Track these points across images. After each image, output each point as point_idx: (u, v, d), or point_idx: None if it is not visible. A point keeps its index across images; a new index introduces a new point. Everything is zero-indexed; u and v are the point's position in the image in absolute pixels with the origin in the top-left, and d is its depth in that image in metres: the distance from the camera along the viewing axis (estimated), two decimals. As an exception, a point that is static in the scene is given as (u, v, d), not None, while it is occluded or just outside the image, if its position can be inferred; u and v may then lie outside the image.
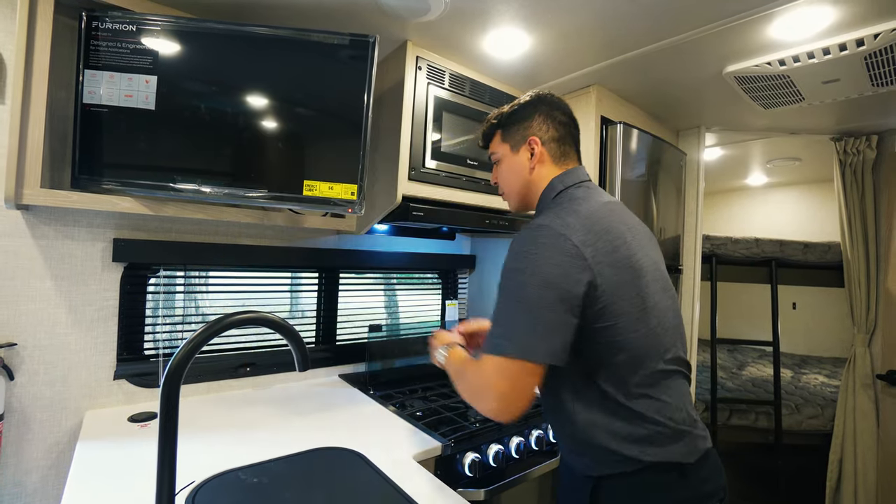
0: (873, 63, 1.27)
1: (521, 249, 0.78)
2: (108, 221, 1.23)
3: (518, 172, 0.96)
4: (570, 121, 0.96)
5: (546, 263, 0.75)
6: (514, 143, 0.96)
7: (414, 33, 1.32)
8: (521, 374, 0.74)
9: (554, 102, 0.96)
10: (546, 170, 0.94)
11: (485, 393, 0.77)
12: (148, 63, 1.09)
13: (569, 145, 0.95)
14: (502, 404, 0.75)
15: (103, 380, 1.23)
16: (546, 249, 0.76)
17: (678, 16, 1.17)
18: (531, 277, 0.75)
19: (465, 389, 0.85)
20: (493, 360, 0.76)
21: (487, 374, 0.76)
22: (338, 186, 1.14)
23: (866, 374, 1.95)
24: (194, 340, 0.59)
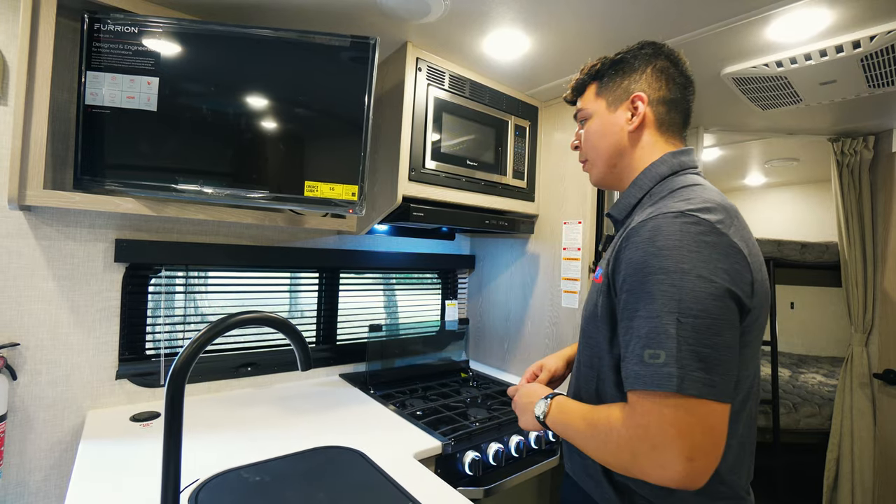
0: (870, 65, 1.28)
1: (674, 246, 0.59)
2: (110, 222, 1.24)
3: (612, 135, 0.78)
4: (688, 83, 0.79)
5: (716, 267, 0.58)
6: (612, 99, 0.79)
7: (414, 35, 1.33)
8: (717, 418, 0.56)
9: (673, 57, 0.78)
10: (649, 137, 0.77)
11: (660, 452, 0.55)
12: (150, 65, 1.10)
13: (678, 114, 0.78)
14: (695, 464, 0.54)
15: (105, 380, 1.24)
16: (709, 250, 0.59)
17: (676, 18, 1.18)
18: (704, 284, 0.57)
19: (609, 451, 0.61)
20: (666, 401, 0.55)
21: (657, 424, 0.55)
22: (338, 187, 1.15)
23: (863, 374, 1.96)
24: (198, 340, 0.60)
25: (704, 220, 0.60)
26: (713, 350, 0.56)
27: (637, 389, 0.58)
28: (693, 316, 0.56)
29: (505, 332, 1.92)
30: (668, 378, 0.55)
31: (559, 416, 0.73)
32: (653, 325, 0.57)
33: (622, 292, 0.64)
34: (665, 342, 0.56)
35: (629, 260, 0.63)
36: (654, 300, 0.58)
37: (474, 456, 1.19)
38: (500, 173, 1.62)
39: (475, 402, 1.53)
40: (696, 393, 0.54)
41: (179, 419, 0.63)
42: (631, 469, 0.59)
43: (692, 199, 0.64)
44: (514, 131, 1.67)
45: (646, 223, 0.63)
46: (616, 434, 0.60)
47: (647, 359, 0.57)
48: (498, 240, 2.00)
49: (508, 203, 1.66)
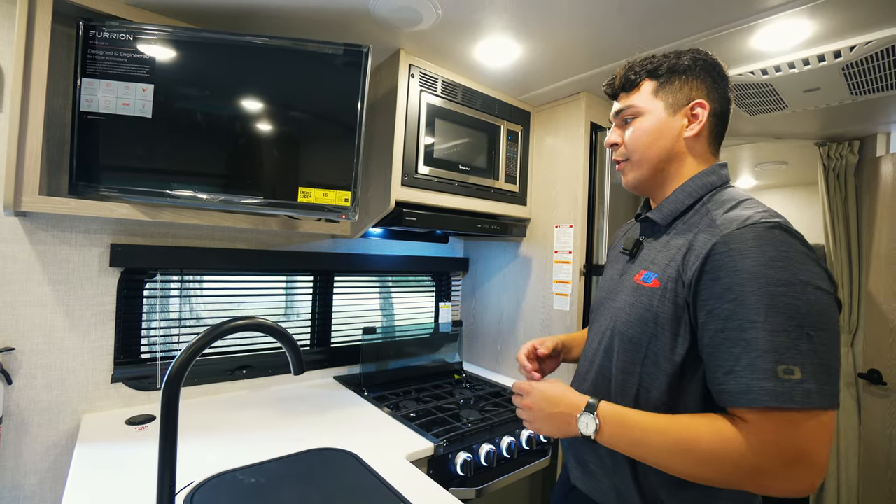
0: (851, 73, 1.32)
1: (784, 257, 0.59)
2: (105, 227, 1.25)
3: (668, 139, 0.76)
4: (732, 98, 0.79)
5: (823, 278, 0.59)
6: (672, 101, 0.76)
7: (407, 42, 1.35)
8: (832, 425, 0.56)
9: (723, 73, 0.77)
10: (701, 147, 0.76)
11: (793, 467, 0.55)
12: (145, 72, 1.11)
13: (723, 127, 0.78)
14: (819, 476, 0.55)
15: (101, 383, 1.25)
16: (812, 263, 0.59)
17: (664, 27, 1.21)
18: (822, 296, 0.57)
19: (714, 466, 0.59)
20: (800, 416, 0.55)
21: (790, 440, 0.55)
22: (332, 193, 1.17)
23: (849, 373, 2.00)
24: (194, 346, 0.61)
25: (797, 233, 0.62)
26: (836, 360, 0.57)
27: (765, 406, 0.56)
28: (821, 329, 0.56)
29: (498, 334, 1.94)
30: (806, 395, 0.54)
31: (618, 430, 0.67)
32: (781, 339, 0.56)
33: (722, 301, 0.61)
34: (798, 357, 0.55)
35: (734, 269, 0.60)
36: (778, 313, 0.56)
37: (466, 457, 1.21)
38: (493, 177, 1.65)
39: (468, 403, 1.55)
40: (829, 406, 0.55)
41: (175, 422, 0.64)
42: (745, 483, 0.58)
43: (769, 211, 0.64)
44: (507, 136, 1.69)
45: (744, 231, 0.62)
46: (735, 451, 0.58)
47: (781, 374, 0.55)
48: (491, 243, 2.03)
49: (500, 207, 1.69)
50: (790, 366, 0.55)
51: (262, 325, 0.68)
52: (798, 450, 0.55)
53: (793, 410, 0.55)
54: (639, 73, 0.79)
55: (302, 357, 0.74)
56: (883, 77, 1.33)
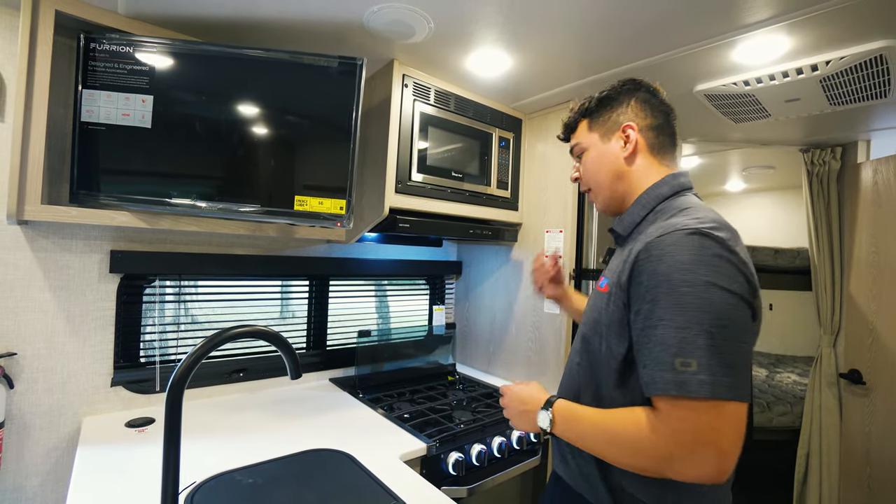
0: (828, 85, 1.37)
1: (694, 260, 0.64)
2: (105, 234, 1.28)
3: (609, 164, 0.85)
4: (669, 109, 0.86)
5: (732, 279, 0.64)
6: (604, 131, 0.86)
7: (400, 53, 1.39)
8: (741, 417, 0.61)
9: (651, 90, 0.87)
10: (643, 161, 0.84)
11: (697, 453, 0.60)
12: (144, 83, 1.14)
13: (666, 137, 0.85)
14: (727, 460, 0.60)
15: (101, 387, 1.27)
16: (725, 264, 0.64)
17: (648, 41, 1.25)
18: (726, 296, 0.62)
19: (635, 453, 0.65)
20: (702, 405, 0.60)
21: (692, 427, 0.60)
22: (327, 202, 1.20)
23: (831, 373, 2.06)
24: (196, 353, 0.65)
25: (717, 237, 0.66)
26: (737, 355, 0.61)
27: (668, 395, 0.62)
28: (721, 326, 0.61)
29: (490, 336, 1.98)
30: (700, 385, 0.59)
31: (567, 425, 0.76)
32: (682, 335, 0.62)
33: (643, 302, 0.67)
34: (695, 351, 0.61)
35: (652, 272, 0.67)
36: (682, 311, 0.62)
37: (458, 457, 1.25)
38: (485, 184, 1.69)
39: (461, 404, 1.59)
40: (726, 396, 0.59)
41: (178, 426, 0.68)
42: (662, 469, 0.63)
43: (702, 219, 0.70)
44: (499, 143, 1.73)
45: (664, 238, 0.68)
46: (648, 440, 0.64)
47: (678, 367, 0.61)
48: (484, 246, 2.07)
49: (492, 212, 1.73)
50: (687, 358, 0.61)
51: (263, 333, 0.72)
52: (699, 436, 0.60)
53: (693, 399, 0.60)
54: (575, 116, 0.93)
55: (299, 362, 0.77)
56: (859, 89, 1.39)
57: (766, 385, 2.68)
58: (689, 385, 0.60)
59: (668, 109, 0.86)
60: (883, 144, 2.01)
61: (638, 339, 0.68)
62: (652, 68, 1.40)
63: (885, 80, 1.31)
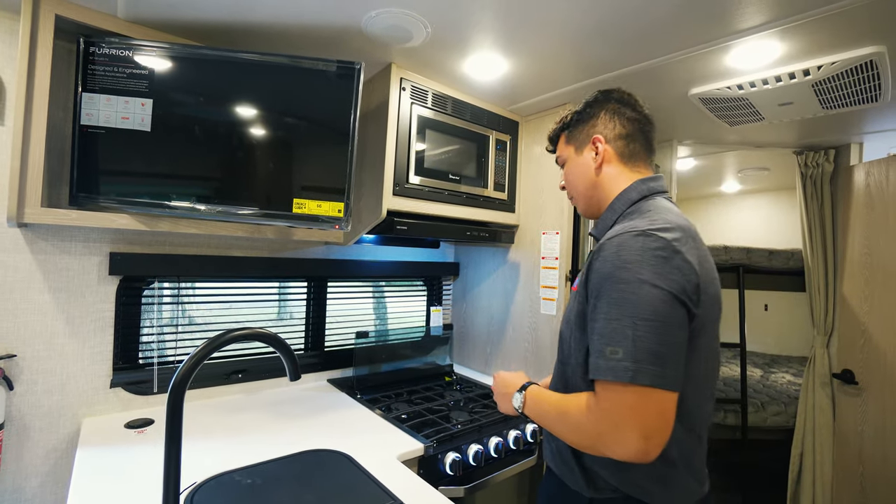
0: (821, 90, 1.39)
1: (633, 259, 0.70)
2: (104, 236, 1.29)
3: (583, 174, 0.92)
4: (641, 117, 0.91)
5: (667, 276, 0.69)
6: (578, 144, 0.94)
7: (398, 57, 1.40)
8: (665, 404, 0.67)
9: (623, 99, 0.92)
10: (614, 170, 0.89)
11: (621, 431, 0.66)
12: (144, 87, 1.15)
13: (638, 143, 0.90)
14: (650, 441, 0.65)
15: (100, 388, 1.28)
16: (662, 263, 0.69)
17: (644, 46, 1.27)
18: (655, 292, 0.68)
19: (579, 432, 0.73)
20: (626, 389, 0.66)
21: (617, 409, 0.67)
22: (325, 204, 1.22)
23: (824, 374, 2.09)
24: (197, 355, 0.66)
25: (662, 237, 0.71)
26: (663, 347, 0.66)
27: (600, 379, 0.69)
28: (646, 319, 0.67)
29: (487, 337, 2.00)
30: (624, 371, 0.66)
31: (534, 405, 0.85)
32: (613, 326, 0.69)
33: (592, 297, 0.75)
34: (622, 341, 0.67)
35: (598, 270, 0.74)
36: (616, 305, 0.69)
37: (455, 457, 1.26)
38: (482, 186, 1.70)
39: (458, 405, 1.60)
40: (648, 383, 0.65)
41: (179, 427, 0.69)
42: (597, 446, 0.70)
43: (655, 220, 0.75)
44: (496, 145, 1.74)
45: (612, 239, 0.75)
46: (584, 418, 0.72)
47: (608, 354, 0.68)
48: (481, 248, 2.08)
49: (490, 214, 1.74)
50: (615, 347, 0.68)
51: (263, 336, 0.73)
52: (623, 417, 0.66)
53: (620, 384, 0.67)
54: (556, 131, 1.01)
55: (298, 364, 0.78)
56: (850, 93, 1.41)
57: (760, 385, 2.71)
58: (616, 370, 0.67)
59: (641, 118, 0.91)
60: (875, 147, 2.03)
61: (589, 330, 0.75)
62: (647, 72, 1.42)
63: (875, 84, 1.33)
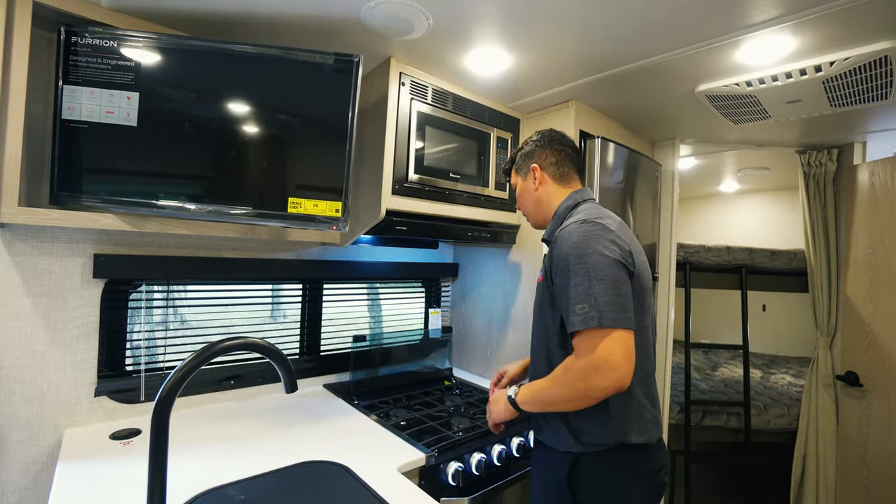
0: (831, 87, 1.36)
1: (582, 240, 0.94)
2: (88, 237, 1.22)
3: (528, 194, 1.18)
4: (566, 148, 1.17)
5: (608, 248, 0.92)
6: (523, 174, 1.20)
7: (397, 51, 1.35)
8: (626, 340, 0.87)
9: (553, 137, 1.19)
10: (550, 188, 1.15)
11: (599, 368, 0.85)
12: (129, 79, 1.09)
13: (567, 167, 1.16)
14: (621, 370, 0.85)
15: (83, 397, 1.22)
16: (602, 239, 0.93)
17: (651, 41, 1.22)
18: (603, 258, 0.90)
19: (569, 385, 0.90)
20: (596, 333, 0.86)
21: (592, 349, 0.86)
22: (322, 204, 1.16)
23: (827, 375, 2.06)
24: (184, 368, 0.60)
25: (598, 223, 0.97)
26: (616, 297, 0.88)
27: (576, 332, 0.89)
28: (600, 279, 0.89)
29: (487, 340, 1.95)
30: (591, 319, 0.87)
31: (526, 390, 1.02)
32: (578, 290, 0.90)
33: (557, 276, 0.97)
34: (587, 298, 0.88)
35: (557, 255, 0.98)
36: (577, 274, 0.91)
37: (457, 467, 1.22)
38: (483, 185, 1.65)
39: (458, 410, 1.55)
40: (611, 325, 0.86)
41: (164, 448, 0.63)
42: (586, 389, 0.87)
43: (590, 214, 1.02)
44: (497, 143, 1.70)
45: (562, 231, 1.01)
46: (570, 371, 0.90)
47: (578, 311, 0.89)
48: (481, 248, 2.03)
49: (491, 214, 1.69)
50: (583, 304, 0.88)
51: (256, 345, 0.68)
52: (597, 355, 0.86)
53: (590, 331, 0.87)
54: (508, 168, 1.27)
55: (295, 376, 0.73)
56: (861, 90, 1.37)
57: (761, 387, 2.68)
58: (586, 320, 0.87)
59: (564, 148, 1.17)
60: (879, 146, 2.01)
61: (560, 304, 0.96)
62: (653, 68, 1.38)
63: (887, 81, 1.30)
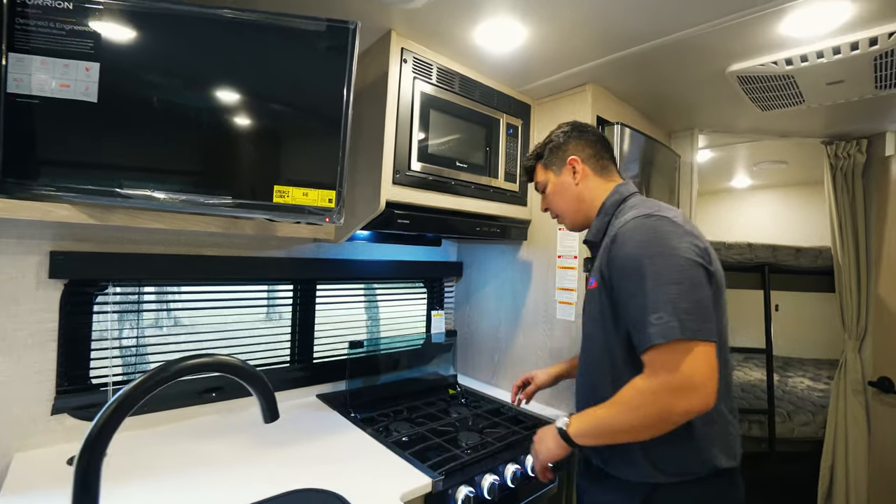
0: (881, 64, 1.22)
1: (651, 237, 0.80)
2: (44, 232, 1.07)
3: (566, 191, 1.05)
4: (600, 140, 1.07)
5: (683, 246, 0.78)
6: (556, 168, 1.07)
7: (399, 22, 1.20)
8: (710, 354, 0.73)
9: (584, 127, 1.08)
10: (592, 182, 1.03)
11: (681, 387, 0.71)
12: (88, 48, 0.93)
13: (606, 160, 1.05)
14: (707, 388, 0.71)
15: (39, 415, 1.06)
16: (675, 236, 0.80)
17: (683, 11, 1.08)
18: (679, 259, 0.77)
19: (643, 410, 0.75)
20: (677, 346, 0.72)
21: (673, 365, 0.72)
22: (313, 192, 1.01)
23: (857, 381, 1.93)
24: (118, 400, 0.45)
25: (664, 217, 0.83)
26: (696, 304, 0.75)
27: (652, 346, 0.74)
28: (677, 282, 0.75)
29: (495, 345, 1.81)
30: (671, 329, 0.73)
31: (582, 420, 0.86)
32: (652, 296, 0.76)
33: (622, 280, 0.83)
34: (663, 306, 0.74)
35: (620, 255, 0.84)
36: (648, 278, 0.77)
37: (468, 492, 1.07)
38: (491, 175, 1.51)
39: (465, 423, 1.41)
40: (692, 336, 0.72)
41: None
42: (664, 414, 0.73)
43: (650, 207, 0.88)
44: (506, 130, 1.55)
45: (622, 229, 0.86)
46: (645, 393, 0.75)
47: (654, 321, 0.74)
48: (487, 246, 1.89)
49: (500, 208, 1.55)
50: (659, 312, 0.74)
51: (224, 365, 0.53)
52: (680, 372, 0.72)
53: (670, 345, 0.73)
54: (531, 161, 1.14)
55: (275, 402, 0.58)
56: (914, 69, 1.24)
57: (779, 391, 2.55)
58: (664, 331, 0.73)
59: (601, 138, 1.07)
60: (913, 136, 1.88)
61: (625, 312, 0.82)
62: (680, 45, 1.24)
63: (946, 57, 1.17)
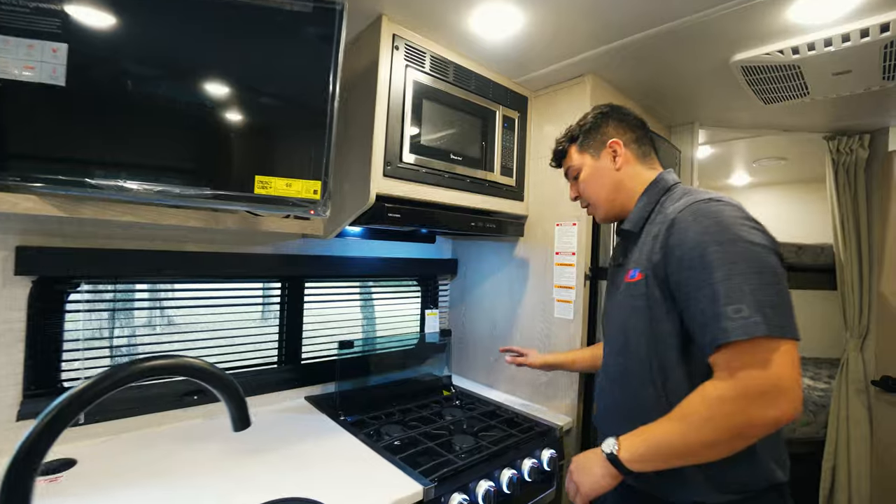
0: (891, 52, 1.17)
1: (717, 222, 0.71)
2: (10, 226, 1.00)
3: (604, 176, 0.96)
4: (642, 125, 0.99)
5: (754, 232, 0.70)
6: (594, 151, 0.98)
7: (390, 7, 1.14)
8: (795, 355, 0.64)
9: (623, 109, 1.00)
10: (633, 169, 0.94)
11: (767, 392, 0.62)
12: (55, 27, 0.87)
13: (647, 146, 0.97)
14: (794, 393, 0.62)
15: (2, 421, 0.99)
16: (744, 222, 0.71)
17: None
18: (755, 246, 0.68)
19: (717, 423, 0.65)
20: (762, 345, 0.63)
21: (758, 367, 0.62)
22: (297, 183, 0.95)
23: (859, 380, 1.90)
24: (52, 412, 0.39)
25: (729, 201, 0.74)
26: (779, 297, 0.65)
27: (726, 344, 0.65)
28: (758, 272, 0.66)
29: (491, 344, 1.75)
30: (756, 326, 0.63)
31: (638, 442, 0.73)
32: (727, 286, 0.66)
33: (682, 270, 0.73)
34: (744, 298, 0.64)
35: (681, 242, 0.73)
36: (719, 267, 0.67)
37: (461, 499, 1.02)
38: (487, 169, 1.45)
39: (460, 426, 1.35)
40: (779, 334, 0.63)
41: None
42: (745, 426, 0.63)
43: (708, 193, 0.78)
44: (503, 123, 1.50)
45: (683, 212, 0.75)
46: (723, 401, 0.65)
47: (732, 315, 0.64)
48: (482, 242, 1.83)
49: (496, 203, 1.49)
50: (738, 305, 0.64)
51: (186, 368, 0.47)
52: (766, 375, 0.62)
53: (752, 341, 0.63)
54: (563, 143, 1.04)
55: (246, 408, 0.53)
56: (925, 58, 1.20)
57: (779, 390, 2.51)
58: (747, 328, 0.63)
59: (642, 122, 0.99)
60: (916, 131, 1.84)
61: (687, 307, 0.72)
62: (682, 32, 1.19)
63: (959, 45, 1.13)
